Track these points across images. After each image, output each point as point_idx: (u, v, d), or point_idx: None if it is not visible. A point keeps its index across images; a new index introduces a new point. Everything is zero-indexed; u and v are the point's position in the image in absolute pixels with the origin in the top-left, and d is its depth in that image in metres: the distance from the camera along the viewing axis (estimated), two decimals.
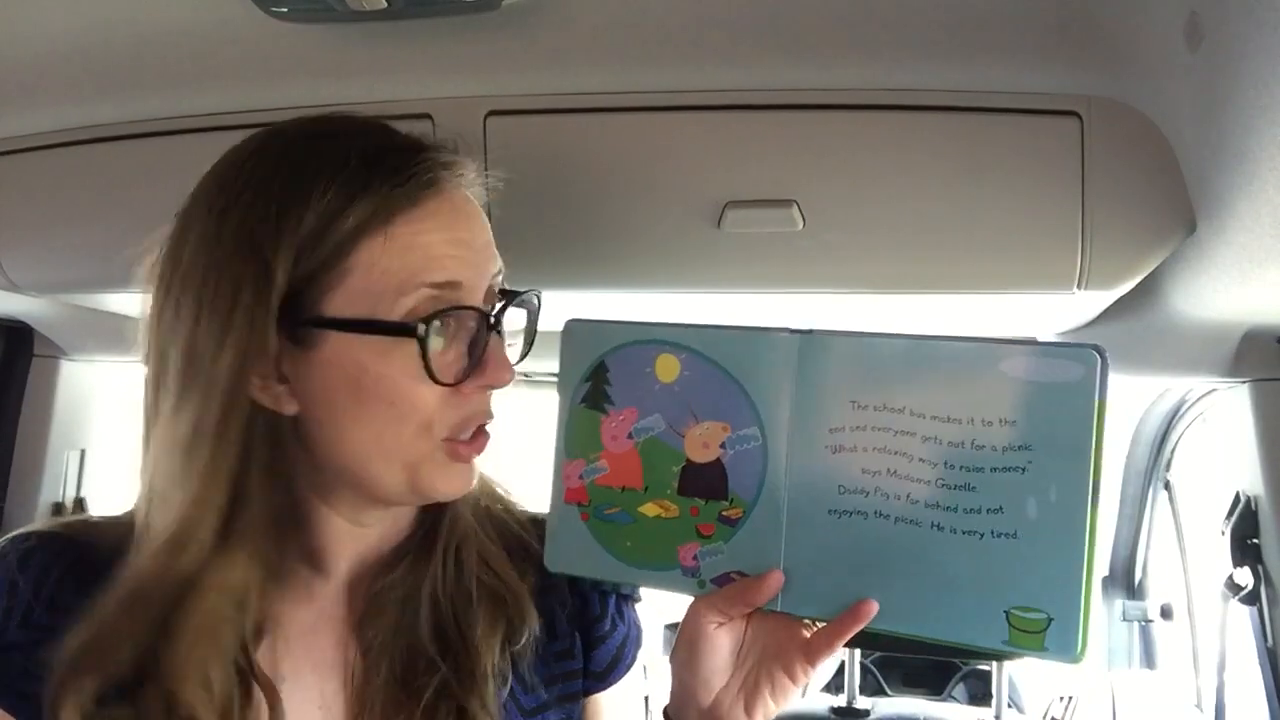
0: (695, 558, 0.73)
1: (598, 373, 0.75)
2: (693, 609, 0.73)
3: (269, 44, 0.81)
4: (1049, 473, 0.64)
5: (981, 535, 0.66)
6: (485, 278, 0.70)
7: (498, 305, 0.72)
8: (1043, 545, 0.64)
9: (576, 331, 0.77)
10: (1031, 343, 0.66)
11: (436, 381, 0.66)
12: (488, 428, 0.72)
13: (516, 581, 0.77)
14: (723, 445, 0.72)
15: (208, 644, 0.65)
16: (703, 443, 0.72)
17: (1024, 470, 0.65)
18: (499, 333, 0.70)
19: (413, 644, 0.73)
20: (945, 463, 0.66)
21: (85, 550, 0.70)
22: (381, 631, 0.73)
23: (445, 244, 0.67)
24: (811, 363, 0.69)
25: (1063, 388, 0.64)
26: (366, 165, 0.66)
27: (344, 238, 0.65)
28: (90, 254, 1.02)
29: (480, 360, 0.69)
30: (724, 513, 0.72)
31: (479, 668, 0.72)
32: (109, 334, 1.33)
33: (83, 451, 1.46)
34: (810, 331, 0.70)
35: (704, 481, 0.72)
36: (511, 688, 0.75)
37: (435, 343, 0.66)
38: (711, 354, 0.72)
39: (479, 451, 0.71)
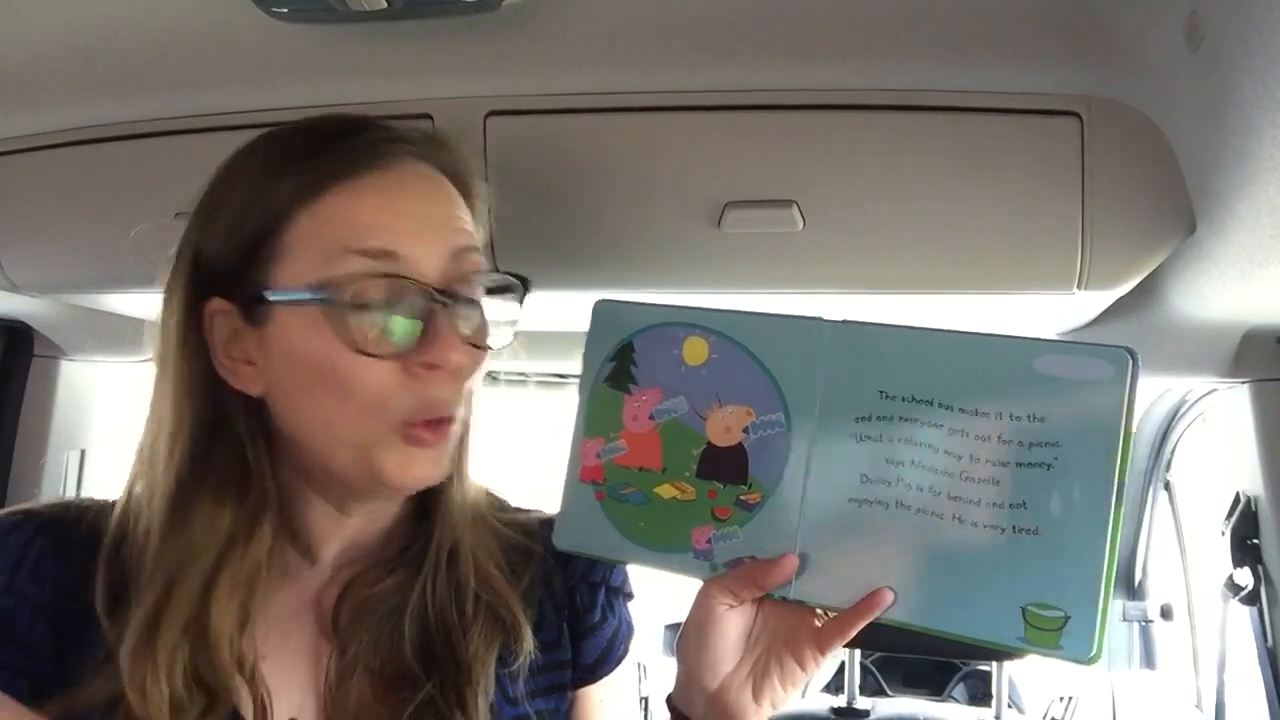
0: (709, 541, 0.73)
1: (624, 352, 0.76)
2: (703, 591, 0.72)
3: (269, 44, 0.81)
4: (1075, 470, 0.64)
5: (1003, 530, 0.66)
6: (437, 250, 0.67)
7: (462, 285, 0.69)
8: (1064, 542, 0.64)
9: (605, 311, 0.77)
10: (1063, 340, 0.67)
11: (360, 352, 0.65)
12: (455, 417, 0.70)
13: (516, 600, 0.76)
14: (745, 430, 0.72)
15: (240, 610, 0.67)
16: (725, 426, 0.72)
17: (1050, 466, 0.65)
18: (448, 307, 0.67)
19: (394, 658, 0.72)
20: (971, 456, 0.66)
21: (66, 527, 0.71)
22: (360, 642, 0.72)
23: (379, 212, 0.66)
24: (842, 352, 0.70)
25: (1094, 387, 0.64)
26: (306, 142, 0.68)
27: (277, 210, 0.66)
28: (90, 254, 1.02)
29: (426, 336, 0.66)
30: (742, 497, 0.72)
31: (469, 686, 0.71)
32: (109, 334, 1.33)
33: (83, 451, 1.46)
34: (845, 322, 0.70)
35: (724, 465, 0.72)
36: (498, 678, 0.74)
37: (375, 314, 0.65)
38: (742, 339, 0.72)
39: (440, 439, 0.69)
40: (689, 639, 0.73)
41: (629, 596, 0.85)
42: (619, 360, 0.76)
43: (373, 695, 0.71)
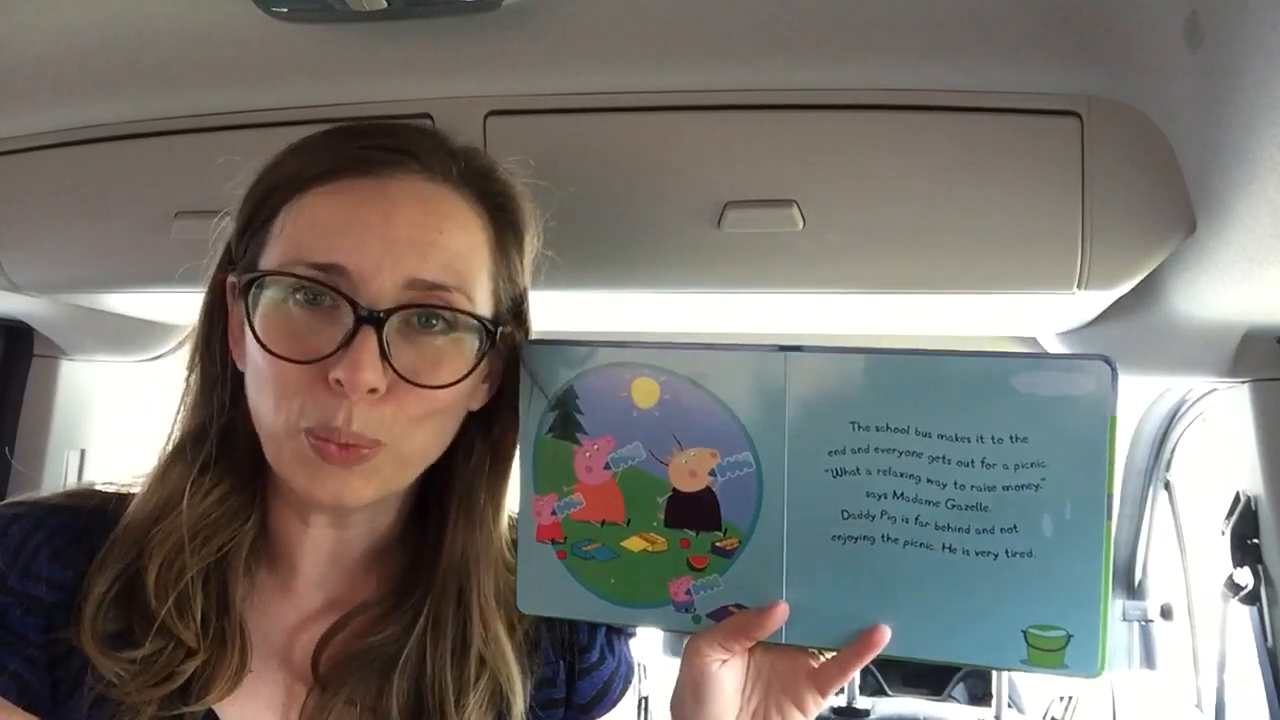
0: (689, 592, 0.70)
1: (566, 399, 0.70)
2: (692, 648, 0.69)
3: (269, 44, 0.81)
4: (1064, 489, 0.63)
5: (996, 555, 0.64)
6: (390, 272, 0.64)
7: (392, 308, 0.64)
8: (1060, 563, 0.63)
9: (537, 355, 0.71)
10: (1037, 355, 0.65)
11: (264, 348, 0.64)
12: (366, 445, 0.65)
13: (516, 668, 0.73)
14: (712, 473, 0.68)
15: (174, 563, 0.67)
16: (689, 471, 0.68)
17: (1038, 488, 0.63)
18: (379, 330, 0.63)
19: (379, 707, 0.69)
20: (955, 483, 0.64)
21: (68, 518, 0.71)
22: (344, 681, 0.70)
23: (340, 223, 0.64)
24: (803, 383, 0.66)
25: (1075, 401, 0.62)
26: (325, 139, 0.69)
27: (268, 200, 0.67)
28: (90, 254, 1.02)
29: (343, 352, 0.63)
30: (718, 544, 0.69)
31: None
32: (109, 334, 1.33)
33: (83, 451, 1.46)
34: (798, 349, 0.67)
35: (694, 512, 0.69)
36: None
37: (282, 316, 0.65)
38: (695, 376, 0.68)
39: (349, 459, 0.64)
40: (684, 700, 0.69)
41: (630, 636, 0.83)
42: (561, 408, 0.70)
43: None
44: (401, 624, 0.71)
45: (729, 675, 0.68)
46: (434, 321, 0.67)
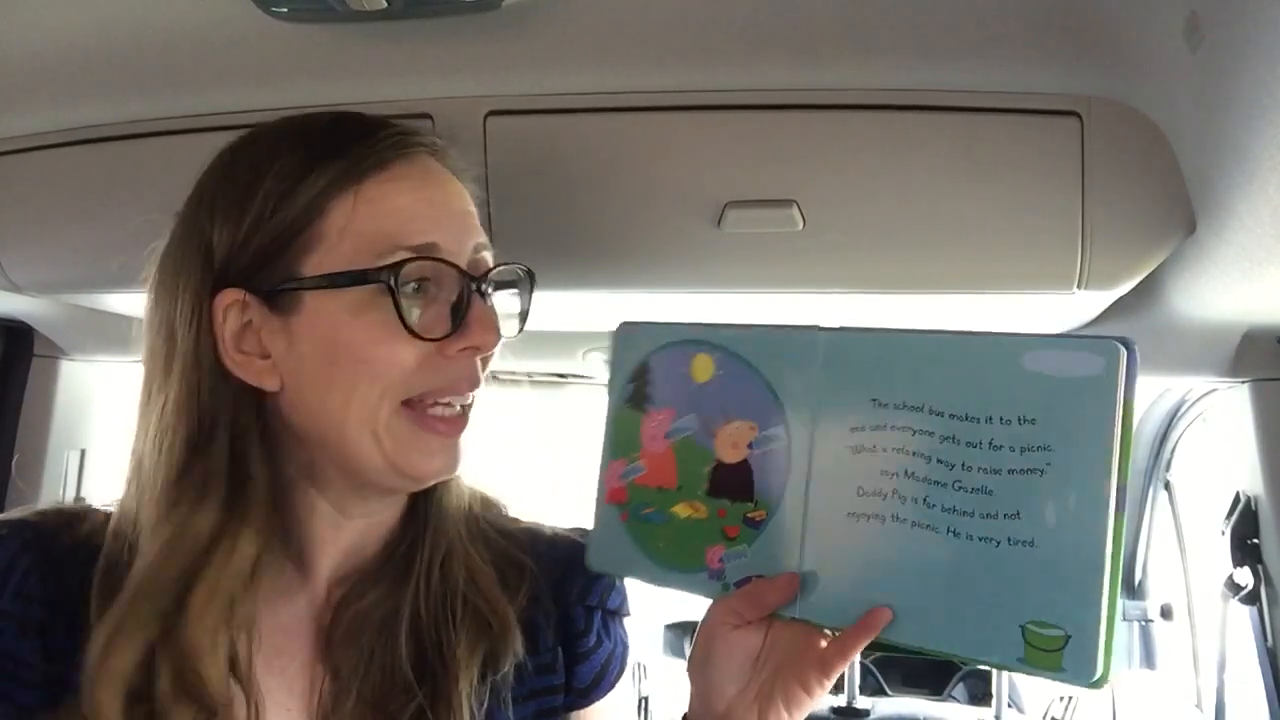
0: (721, 560, 0.71)
1: (640, 373, 0.76)
2: (710, 611, 0.72)
3: (269, 44, 0.81)
4: (1069, 476, 0.60)
5: (998, 543, 0.62)
6: (465, 244, 0.70)
7: (484, 272, 0.71)
8: (1061, 555, 0.60)
9: (627, 333, 0.77)
10: (1051, 335, 0.63)
11: (415, 335, 0.65)
12: (468, 407, 0.71)
13: (504, 604, 0.74)
14: (750, 445, 0.71)
15: (221, 619, 0.64)
16: (732, 443, 0.72)
17: (1042, 473, 0.61)
18: (484, 296, 0.70)
19: (388, 670, 0.70)
20: (963, 464, 0.63)
21: (56, 539, 0.69)
22: (355, 659, 0.70)
23: (419, 205, 0.68)
24: (837, 361, 0.68)
25: (1084, 383, 0.60)
26: (332, 133, 0.69)
27: (311, 199, 0.66)
28: (90, 254, 1.02)
29: (463, 321, 0.68)
30: (749, 514, 0.70)
31: (455, 693, 0.70)
32: (109, 334, 1.33)
33: (83, 451, 1.46)
34: (839, 330, 0.69)
35: (732, 482, 0.71)
36: (487, 705, 0.72)
37: (412, 300, 0.67)
38: (744, 353, 0.72)
39: (458, 430, 0.70)
40: (696, 658, 0.72)
41: (625, 616, 0.84)
42: (637, 381, 0.76)
43: (367, 708, 0.69)
44: (391, 581, 0.73)
45: (739, 641, 0.70)
46: (509, 282, 0.74)
